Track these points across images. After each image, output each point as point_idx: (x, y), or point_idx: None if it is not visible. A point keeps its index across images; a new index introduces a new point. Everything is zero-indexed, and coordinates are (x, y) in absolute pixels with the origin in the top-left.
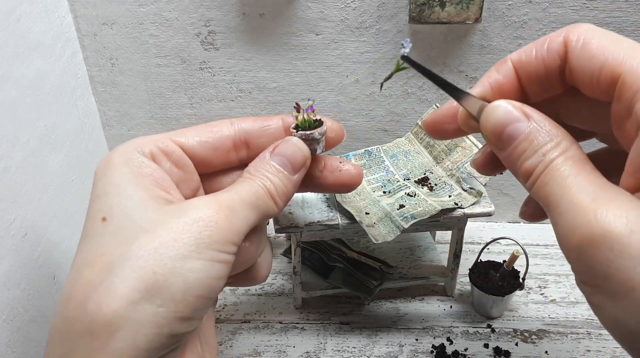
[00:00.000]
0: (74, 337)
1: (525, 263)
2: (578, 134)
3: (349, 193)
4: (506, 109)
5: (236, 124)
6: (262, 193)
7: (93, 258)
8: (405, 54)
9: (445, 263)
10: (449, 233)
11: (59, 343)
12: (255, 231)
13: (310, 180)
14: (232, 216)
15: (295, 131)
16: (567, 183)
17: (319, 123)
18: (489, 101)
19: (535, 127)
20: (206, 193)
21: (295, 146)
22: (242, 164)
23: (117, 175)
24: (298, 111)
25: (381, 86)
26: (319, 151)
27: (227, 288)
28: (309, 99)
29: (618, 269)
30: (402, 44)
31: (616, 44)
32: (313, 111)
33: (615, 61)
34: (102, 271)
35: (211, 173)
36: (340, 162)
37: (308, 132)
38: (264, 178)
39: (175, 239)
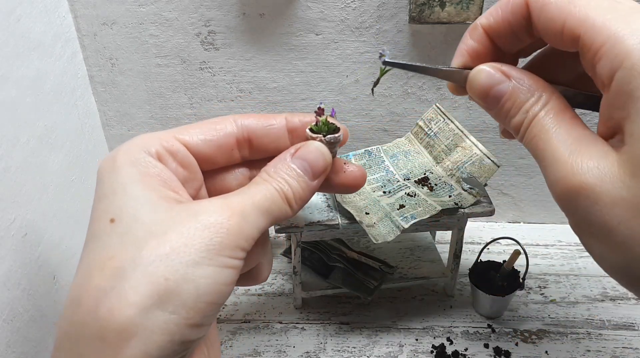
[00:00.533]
0: (84, 343)
1: (525, 263)
2: None
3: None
4: (487, 73)
5: (239, 121)
6: (278, 197)
7: (102, 260)
8: (385, 60)
9: (445, 263)
10: (449, 233)
11: (68, 348)
12: (262, 233)
13: None
14: (243, 222)
15: (321, 135)
16: (548, 137)
17: (335, 127)
18: (471, 68)
19: (515, 86)
20: (208, 190)
21: (318, 151)
22: (245, 162)
23: (124, 175)
24: (320, 116)
25: (372, 92)
26: (337, 155)
27: None
28: (321, 102)
29: (596, 215)
30: (381, 53)
31: (572, 3)
32: (334, 115)
33: (573, 22)
34: (113, 276)
35: (213, 169)
36: (345, 163)
37: (337, 135)
38: (282, 181)
39: (186, 244)
